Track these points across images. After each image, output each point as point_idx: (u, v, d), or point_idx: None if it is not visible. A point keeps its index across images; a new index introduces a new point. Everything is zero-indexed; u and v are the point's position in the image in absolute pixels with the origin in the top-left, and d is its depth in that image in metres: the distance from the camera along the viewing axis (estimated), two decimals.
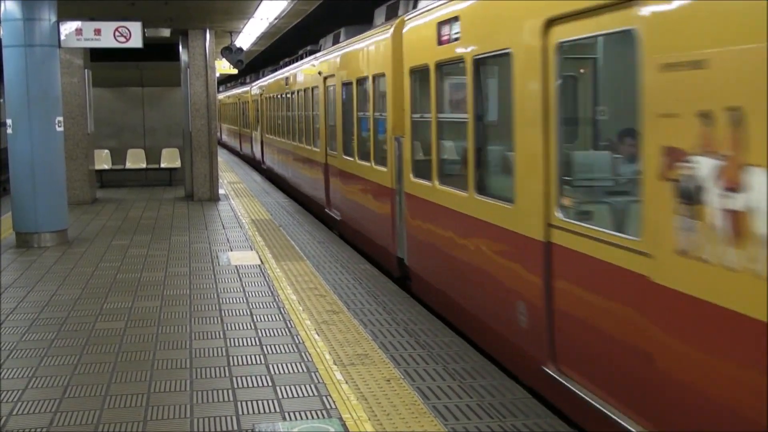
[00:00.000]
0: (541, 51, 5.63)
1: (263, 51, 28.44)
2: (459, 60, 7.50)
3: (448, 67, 8.10)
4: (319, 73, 15.35)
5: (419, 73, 8.90)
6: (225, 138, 44.64)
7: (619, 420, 4.71)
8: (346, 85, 13.05)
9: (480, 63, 7.13)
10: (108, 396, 5.91)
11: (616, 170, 5.75)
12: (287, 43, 25.17)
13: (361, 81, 11.94)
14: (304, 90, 17.53)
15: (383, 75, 10.41)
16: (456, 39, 7.51)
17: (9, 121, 12.28)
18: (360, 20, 14.53)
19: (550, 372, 5.60)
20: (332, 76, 14.18)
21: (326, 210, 15.03)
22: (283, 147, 21.50)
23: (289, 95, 20.10)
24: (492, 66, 7.29)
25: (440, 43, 8.00)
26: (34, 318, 8.17)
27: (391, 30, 10.02)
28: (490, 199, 6.79)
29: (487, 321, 7.00)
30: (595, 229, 5.04)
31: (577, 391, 5.21)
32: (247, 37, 21.51)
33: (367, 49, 11.49)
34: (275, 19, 17.81)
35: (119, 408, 5.68)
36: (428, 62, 8.39)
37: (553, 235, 5.59)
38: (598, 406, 4.94)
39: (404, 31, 9.48)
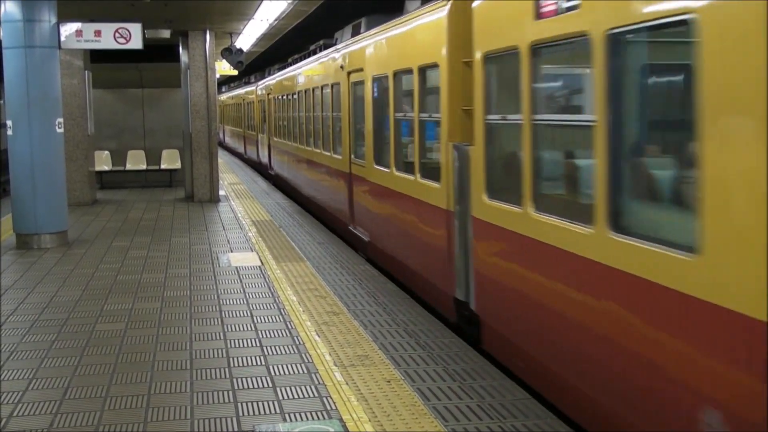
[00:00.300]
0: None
1: (265, 51, 28.45)
2: (577, 37, 5.31)
3: (553, 49, 5.94)
4: (341, 67, 13.08)
5: (501, 61, 6.75)
6: (228, 140, 44.44)
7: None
8: (379, 79, 10.82)
9: (618, 40, 4.85)
10: (108, 397, 5.91)
11: None
12: (292, 42, 25.16)
13: (400, 74, 9.84)
14: (321, 87, 15.17)
15: (435, 65, 8.29)
16: (573, 8, 5.31)
17: (9, 123, 12.28)
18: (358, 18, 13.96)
19: None
20: (359, 70, 11.82)
21: (350, 228, 12.71)
22: (294, 152, 19.01)
23: (300, 94, 17.75)
24: (638, 45, 5.01)
25: (540, 16, 5.78)
26: (35, 319, 8.17)
27: (448, 6, 7.93)
28: (640, 242, 4.57)
29: (617, 410, 4.95)
30: None
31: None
32: (247, 38, 21.52)
33: (411, 34, 9.33)
34: (275, 20, 17.81)
35: (120, 409, 5.68)
36: (518, 44, 6.14)
37: None
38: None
39: (474, 5, 7.16)
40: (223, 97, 45.30)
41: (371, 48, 11.31)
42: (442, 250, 8.06)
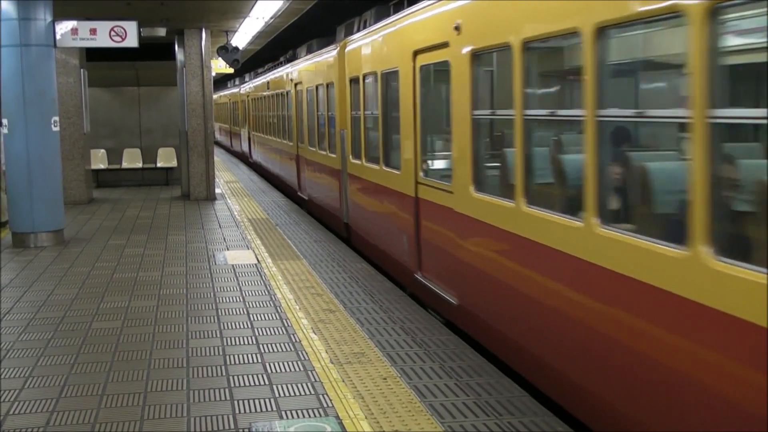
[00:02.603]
0: None
1: (261, 49, 28.40)
2: (372, 74, 8.22)
3: (371, 78, 9.04)
4: (291, 80, 16.70)
5: (356, 81, 10.64)
6: (217, 135, 45.20)
7: (445, 295, 7.71)
8: (309, 90, 13.90)
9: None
10: (105, 395, 5.91)
11: None
12: (288, 40, 25.13)
13: (320, 87, 12.71)
14: (279, 94, 18.96)
15: (332, 83, 11.99)
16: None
17: (5, 121, 12.27)
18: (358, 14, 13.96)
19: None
20: (299, 83, 15.26)
21: (299, 193, 17.25)
22: (264, 142, 22.67)
23: (267, 98, 20.57)
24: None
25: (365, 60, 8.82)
26: (31, 318, 8.16)
27: (337, 48, 11.66)
28: (391, 169, 6.58)
29: None
30: None
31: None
32: (243, 36, 21.50)
33: (321, 62, 13.18)
34: (271, 18, 17.81)
35: (116, 407, 5.68)
36: (359, 74, 10.34)
37: None
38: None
39: (346, 49, 11.34)
40: (215, 96, 46.00)
41: (304, 69, 16.52)
42: (338, 192, 12.84)
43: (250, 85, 29.44)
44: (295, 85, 17.65)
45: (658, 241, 4.38)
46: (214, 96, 44.48)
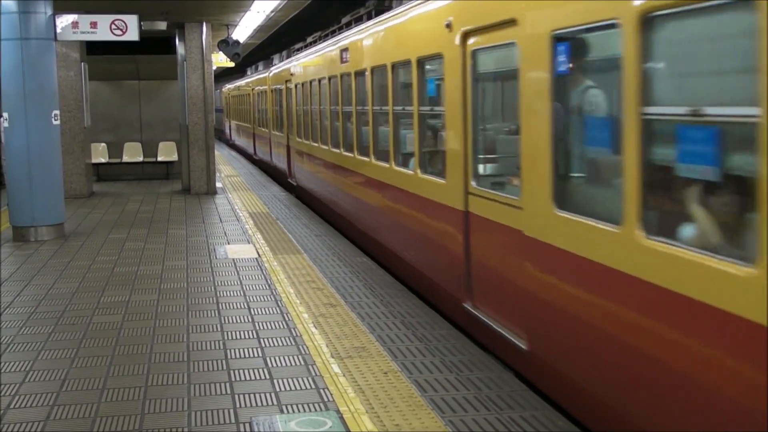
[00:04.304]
0: None
1: (261, 43, 28.33)
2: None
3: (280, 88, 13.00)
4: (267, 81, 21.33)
5: (278, 91, 15.18)
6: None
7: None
8: (280, 91, 17.78)
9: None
10: (105, 389, 5.91)
11: None
12: (288, 34, 25.08)
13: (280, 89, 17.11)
14: (260, 92, 24.05)
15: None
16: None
17: (5, 115, 12.25)
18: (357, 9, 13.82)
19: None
20: (277, 82, 17.37)
21: (289, 180, 20.38)
22: (249, 130, 27.11)
23: (252, 94, 23.27)
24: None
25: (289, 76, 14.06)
26: (31, 312, 8.16)
27: (270, 72, 16.10)
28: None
29: None
30: None
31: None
32: (244, 30, 21.46)
33: (268, 77, 20.00)
34: (272, 11, 17.77)
35: (116, 401, 5.68)
36: (277, 86, 15.12)
37: None
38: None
39: (270, 73, 17.78)
40: (231, 86, 43.07)
41: (256, 81, 22.52)
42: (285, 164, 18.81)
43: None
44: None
45: None
46: (230, 86, 42.62)
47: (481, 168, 7.15)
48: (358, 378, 6.03)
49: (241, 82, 35.48)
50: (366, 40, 11.21)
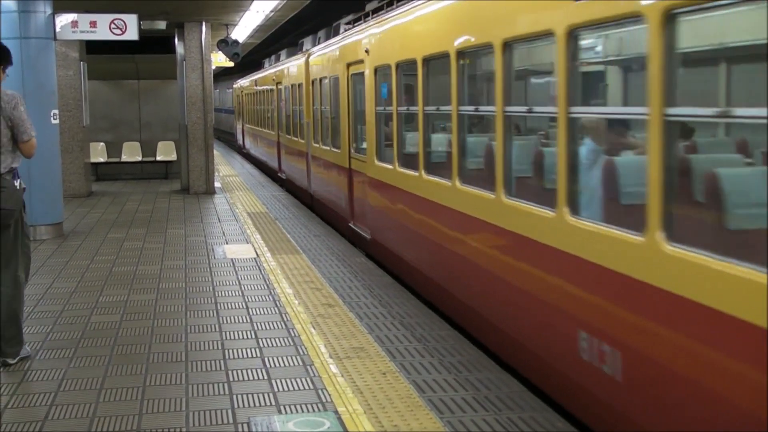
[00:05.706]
0: None
1: (261, 43, 28.31)
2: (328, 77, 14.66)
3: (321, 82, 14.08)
4: (273, 80, 21.58)
5: (319, 83, 15.79)
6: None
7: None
8: (288, 88, 18.90)
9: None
10: (103, 389, 5.91)
11: None
12: (288, 33, 25.07)
13: (294, 86, 18.67)
14: (264, 90, 24.55)
15: (302, 84, 17.67)
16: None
17: None
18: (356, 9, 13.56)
19: None
20: (279, 82, 19.16)
21: (279, 175, 21.96)
22: (250, 130, 29.21)
23: (256, 93, 22.40)
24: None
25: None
26: (30, 311, 8.14)
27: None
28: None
29: None
30: None
31: None
32: (243, 29, 21.45)
33: (293, 66, 18.64)
34: (271, 11, 17.76)
35: (114, 401, 5.67)
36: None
37: None
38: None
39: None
40: (245, 82, 34.71)
41: (284, 71, 20.49)
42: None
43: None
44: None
45: None
46: (245, 83, 33.81)
47: (286, 126, 15.44)
48: (356, 378, 6.02)
49: (261, 74, 27.01)
50: (257, 80, 24.14)
